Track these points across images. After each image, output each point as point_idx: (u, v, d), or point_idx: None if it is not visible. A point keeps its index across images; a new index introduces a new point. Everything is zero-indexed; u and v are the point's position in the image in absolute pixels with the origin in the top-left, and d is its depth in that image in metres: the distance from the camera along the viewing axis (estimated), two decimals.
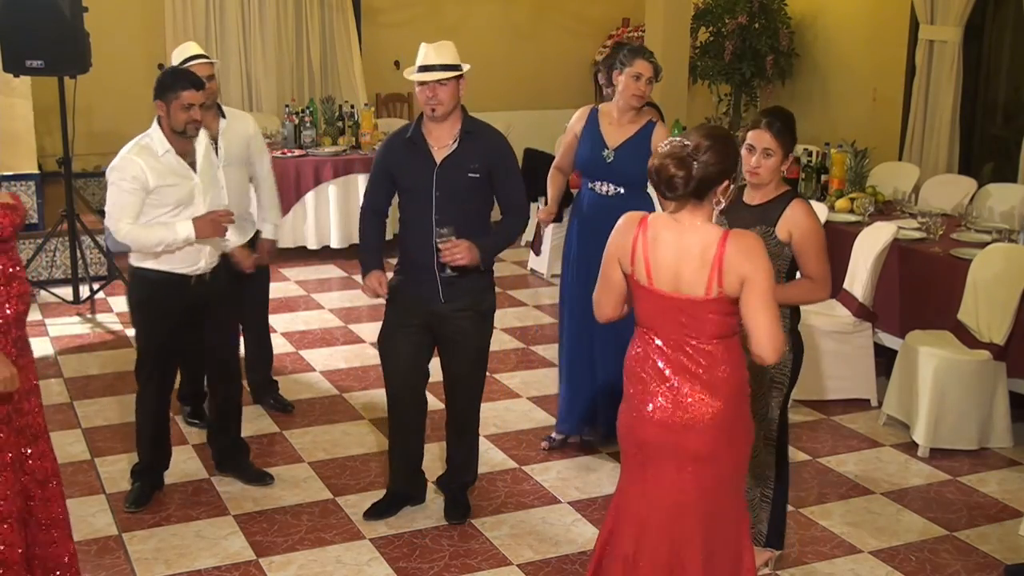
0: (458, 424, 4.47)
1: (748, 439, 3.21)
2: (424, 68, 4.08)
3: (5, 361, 3.27)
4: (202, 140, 4.42)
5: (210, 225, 4.27)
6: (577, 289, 4.90)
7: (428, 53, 4.09)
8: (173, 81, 4.25)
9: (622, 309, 3.22)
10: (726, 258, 2.97)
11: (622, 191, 4.84)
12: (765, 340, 2.98)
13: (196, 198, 4.32)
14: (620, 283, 3.15)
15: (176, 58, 5.03)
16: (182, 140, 4.29)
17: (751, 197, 3.84)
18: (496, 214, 4.31)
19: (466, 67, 4.14)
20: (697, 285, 2.99)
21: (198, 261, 4.39)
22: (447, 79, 4.06)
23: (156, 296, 4.40)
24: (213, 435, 4.84)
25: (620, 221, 3.16)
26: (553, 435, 5.21)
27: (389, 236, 8.37)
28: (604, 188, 4.88)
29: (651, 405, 3.09)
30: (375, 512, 4.50)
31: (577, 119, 5.03)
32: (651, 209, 4.88)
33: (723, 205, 3.09)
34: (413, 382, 4.38)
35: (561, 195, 5.20)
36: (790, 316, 3.82)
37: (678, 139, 3.06)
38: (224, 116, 5.06)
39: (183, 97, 4.19)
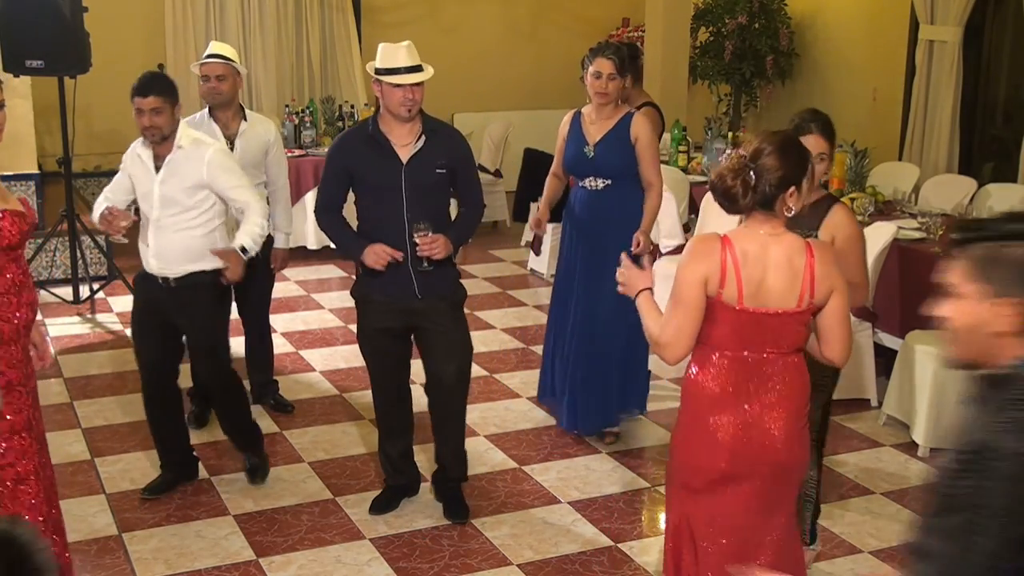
0: (447, 420, 4.49)
1: (807, 450, 3.19)
2: (396, 71, 4.10)
3: None
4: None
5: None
6: (563, 282, 5.19)
7: (398, 55, 4.13)
8: (133, 87, 4.30)
9: (694, 343, 3.02)
10: (817, 269, 2.94)
11: (609, 183, 4.99)
12: (844, 345, 3.05)
13: (153, 198, 4.34)
14: (702, 308, 2.95)
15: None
16: (149, 143, 4.34)
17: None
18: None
19: (429, 68, 4.19)
20: (789, 298, 2.93)
21: (149, 262, 4.42)
22: (424, 80, 4.12)
23: (139, 285, 4.58)
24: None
25: (695, 244, 3.00)
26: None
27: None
28: (592, 183, 5.03)
29: (730, 426, 3.00)
30: (377, 507, 4.54)
31: (564, 124, 5.17)
32: (639, 196, 5.03)
33: (793, 212, 2.99)
34: (398, 383, 4.50)
35: (555, 199, 5.33)
36: None
37: (738, 150, 3.00)
38: (245, 119, 5.13)
39: (133, 103, 4.27)
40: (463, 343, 4.41)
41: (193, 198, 4.33)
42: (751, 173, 2.91)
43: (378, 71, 4.15)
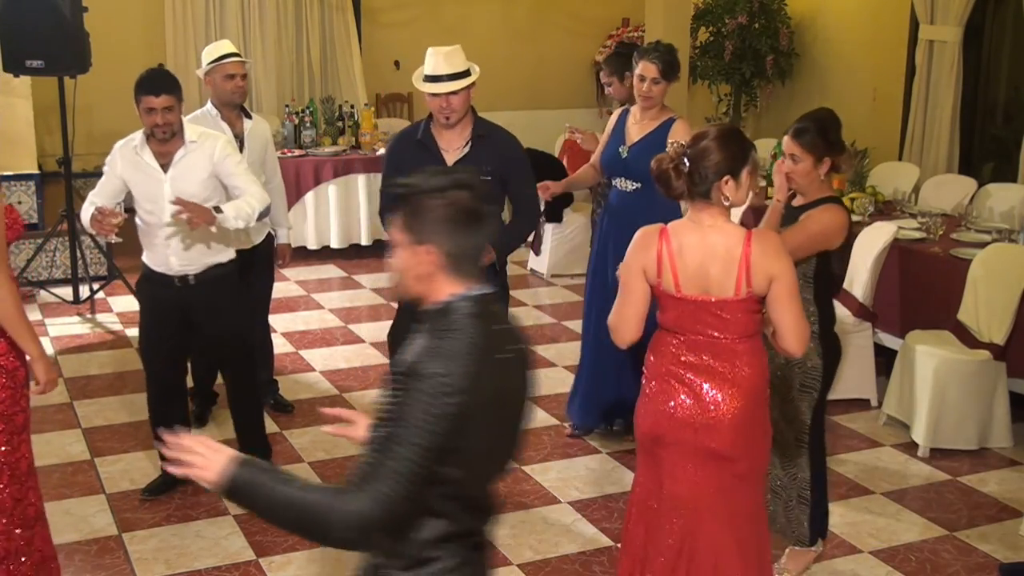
0: None
1: (767, 439, 3.26)
2: (434, 78, 4.05)
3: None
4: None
5: None
6: (599, 278, 5.05)
7: (438, 62, 4.06)
8: (138, 86, 4.27)
9: (642, 329, 3.18)
10: (753, 258, 3.02)
11: (639, 187, 4.89)
12: (793, 335, 3.07)
13: (164, 198, 4.31)
14: (645, 296, 3.13)
15: (208, 56, 5.10)
16: (154, 142, 4.31)
17: (798, 200, 3.88)
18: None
19: (476, 69, 4.13)
20: (726, 286, 3.04)
21: (168, 262, 4.41)
22: (461, 89, 4.05)
23: (145, 289, 4.57)
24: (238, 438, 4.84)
25: (637, 236, 3.17)
26: (569, 425, 5.30)
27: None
28: (623, 184, 4.97)
29: (673, 402, 3.15)
30: None
31: (612, 118, 5.14)
32: (669, 206, 4.98)
33: (731, 204, 3.09)
34: None
35: (579, 186, 5.30)
36: (819, 320, 3.82)
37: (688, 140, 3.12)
38: (249, 117, 5.15)
39: (143, 102, 4.23)
40: None
41: (208, 190, 4.33)
42: (685, 160, 3.06)
43: (425, 77, 4.09)
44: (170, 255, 4.40)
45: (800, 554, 4.07)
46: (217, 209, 4.23)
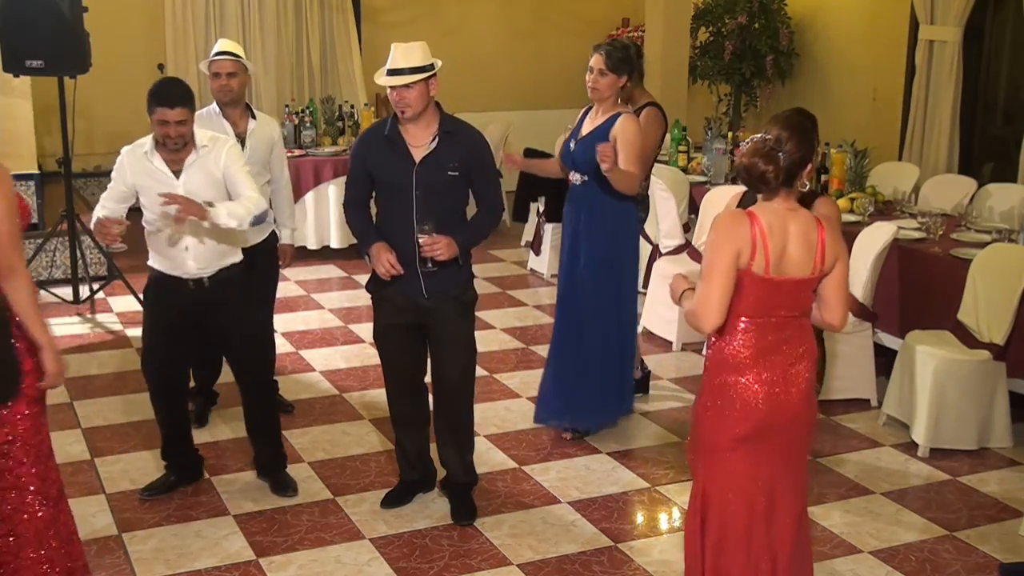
0: (449, 422, 4.50)
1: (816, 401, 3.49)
2: (392, 71, 4.11)
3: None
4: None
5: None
6: (563, 275, 5.19)
7: (395, 56, 4.13)
8: (152, 96, 4.25)
9: (725, 314, 3.24)
10: (827, 240, 3.24)
11: (587, 179, 5.03)
12: (844, 310, 3.33)
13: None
14: (733, 279, 3.20)
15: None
16: (164, 150, 4.31)
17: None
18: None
19: (438, 63, 4.17)
20: (806, 266, 3.22)
21: (184, 266, 4.41)
22: (413, 82, 4.09)
23: (152, 293, 4.55)
24: (252, 444, 4.80)
25: (726, 219, 3.24)
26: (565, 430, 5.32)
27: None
28: (574, 177, 5.09)
29: (757, 384, 3.25)
30: (388, 501, 4.58)
31: (579, 114, 5.20)
32: (615, 197, 5.02)
33: (808, 187, 3.31)
34: (410, 375, 4.48)
35: (547, 171, 5.44)
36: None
37: (759, 136, 3.24)
38: (254, 117, 5.14)
39: (157, 113, 4.21)
40: (466, 345, 4.41)
41: (222, 194, 4.34)
42: (780, 156, 3.20)
43: (386, 71, 4.16)
44: (189, 259, 4.39)
45: None
46: (209, 204, 4.23)
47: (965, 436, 5.15)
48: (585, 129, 5.05)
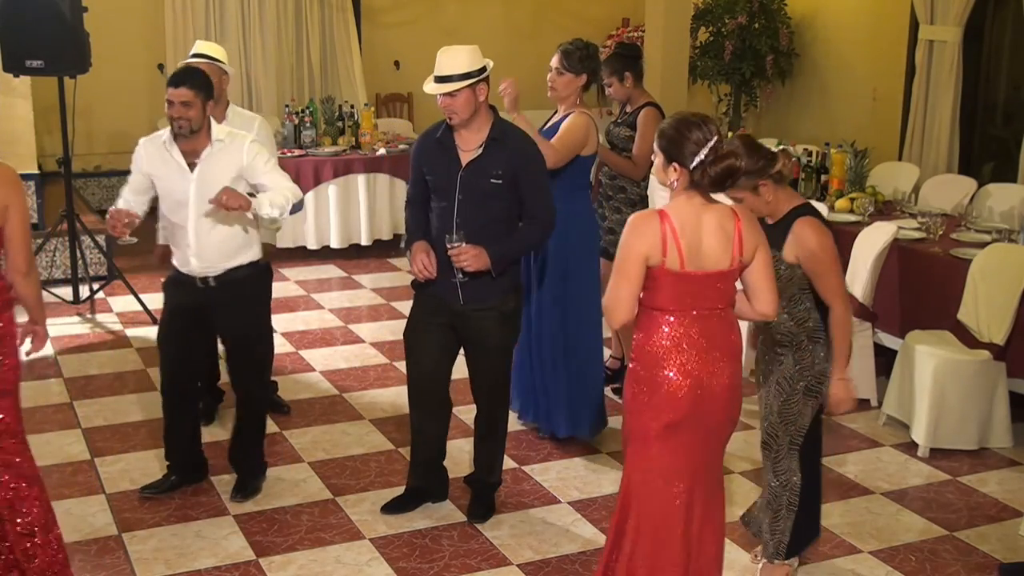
0: (481, 425, 4.50)
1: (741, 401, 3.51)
2: (438, 79, 4.05)
3: None
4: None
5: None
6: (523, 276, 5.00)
7: (440, 62, 4.06)
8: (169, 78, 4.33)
9: (635, 310, 3.31)
10: (744, 230, 3.27)
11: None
12: (772, 299, 3.37)
13: (190, 196, 4.33)
14: (641, 277, 3.26)
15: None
16: (180, 138, 4.31)
17: (769, 217, 3.81)
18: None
19: (489, 65, 4.12)
20: (723, 258, 3.25)
21: (188, 263, 4.42)
22: (457, 90, 4.03)
23: (169, 290, 4.57)
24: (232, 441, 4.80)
25: (636, 221, 3.27)
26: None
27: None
28: None
29: (690, 379, 3.27)
30: (394, 507, 4.52)
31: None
32: (570, 195, 5.01)
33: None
34: (434, 378, 4.39)
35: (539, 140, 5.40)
36: (823, 326, 3.81)
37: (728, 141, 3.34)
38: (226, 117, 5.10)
39: (166, 93, 4.26)
40: (503, 354, 4.35)
41: (237, 187, 4.28)
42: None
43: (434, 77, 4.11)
44: (191, 256, 4.40)
45: (774, 569, 3.98)
46: (252, 195, 4.26)
47: (965, 436, 5.15)
48: (548, 131, 5.02)
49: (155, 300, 6.97)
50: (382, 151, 8.55)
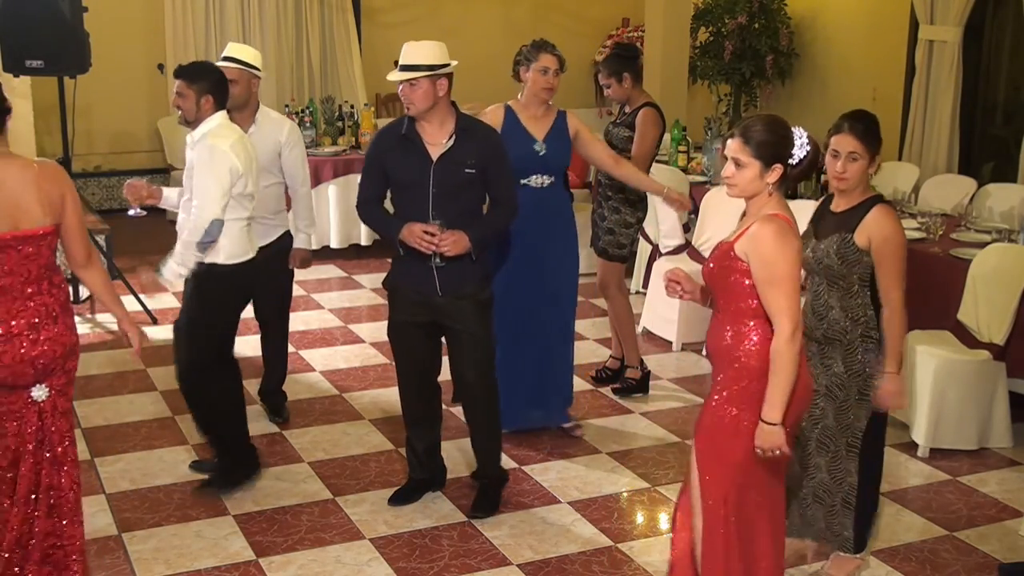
0: (472, 419, 4.55)
1: None
2: (402, 67, 4.14)
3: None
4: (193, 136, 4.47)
5: None
6: (500, 287, 4.78)
7: (405, 52, 4.15)
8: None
9: None
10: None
11: (552, 180, 5.00)
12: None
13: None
14: None
15: None
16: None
17: (837, 204, 3.82)
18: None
19: (453, 63, 4.19)
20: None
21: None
22: (416, 79, 4.10)
23: (219, 284, 4.53)
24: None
25: (782, 228, 3.14)
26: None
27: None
28: (539, 181, 4.97)
29: (805, 378, 3.29)
30: (399, 498, 4.59)
31: (494, 119, 4.98)
32: (569, 193, 5.12)
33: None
34: (422, 372, 4.48)
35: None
36: (877, 326, 3.77)
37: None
38: (255, 122, 5.03)
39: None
40: (484, 344, 4.39)
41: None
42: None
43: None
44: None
45: (845, 561, 4.01)
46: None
47: (965, 436, 5.15)
48: (539, 130, 4.97)
49: (155, 300, 6.99)
50: None
